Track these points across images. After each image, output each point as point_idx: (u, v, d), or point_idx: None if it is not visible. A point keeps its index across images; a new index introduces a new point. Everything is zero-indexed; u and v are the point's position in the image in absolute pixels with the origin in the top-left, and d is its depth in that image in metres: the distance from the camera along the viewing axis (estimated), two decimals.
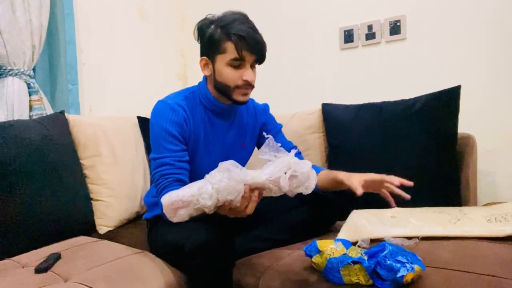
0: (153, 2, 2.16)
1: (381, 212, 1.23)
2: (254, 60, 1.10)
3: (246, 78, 1.09)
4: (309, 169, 0.89)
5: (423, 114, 1.37)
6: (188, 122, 1.12)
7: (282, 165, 0.87)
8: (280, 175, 0.86)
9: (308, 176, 0.88)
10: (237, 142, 1.24)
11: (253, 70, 1.12)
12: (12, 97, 1.45)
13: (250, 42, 1.05)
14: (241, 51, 1.06)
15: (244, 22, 1.08)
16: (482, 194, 1.52)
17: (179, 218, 0.91)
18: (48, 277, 0.97)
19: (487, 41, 1.53)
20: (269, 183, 0.88)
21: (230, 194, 0.84)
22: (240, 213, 0.92)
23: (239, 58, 1.07)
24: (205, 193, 0.85)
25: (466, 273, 0.86)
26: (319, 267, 0.94)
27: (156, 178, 1.08)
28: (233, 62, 1.08)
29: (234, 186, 0.84)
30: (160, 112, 1.11)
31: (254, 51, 1.08)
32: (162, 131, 1.09)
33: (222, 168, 0.86)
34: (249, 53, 1.07)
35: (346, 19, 1.82)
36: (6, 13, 1.42)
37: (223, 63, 1.09)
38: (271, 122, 1.34)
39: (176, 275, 1.04)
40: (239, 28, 1.06)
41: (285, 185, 0.86)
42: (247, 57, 1.08)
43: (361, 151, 1.46)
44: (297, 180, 0.87)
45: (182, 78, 2.36)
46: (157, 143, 1.10)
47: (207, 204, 0.85)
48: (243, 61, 1.08)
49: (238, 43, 1.05)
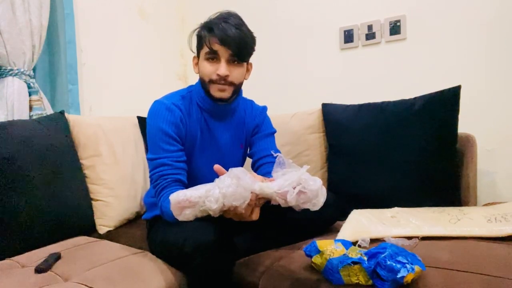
0: (153, 3, 2.16)
1: (381, 212, 1.23)
2: (230, 55, 1.09)
3: (218, 72, 1.09)
4: (319, 186, 0.89)
5: (423, 114, 1.37)
6: (184, 122, 1.12)
7: (292, 179, 0.88)
8: (289, 189, 0.87)
9: (317, 194, 0.89)
10: (234, 143, 1.24)
11: (233, 66, 1.11)
12: (12, 97, 1.45)
13: (222, 36, 1.06)
14: (210, 44, 1.07)
15: (226, 18, 1.08)
16: (482, 194, 1.52)
17: (184, 218, 0.92)
18: (48, 277, 0.97)
19: (487, 41, 1.53)
20: (276, 196, 0.88)
21: (236, 200, 0.85)
22: (245, 219, 0.93)
23: (209, 51, 1.08)
24: (211, 196, 0.86)
25: (466, 273, 0.86)
26: (319, 267, 0.94)
27: (154, 179, 1.08)
28: (208, 56, 1.10)
29: (241, 193, 0.85)
30: (157, 113, 1.11)
31: (226, 45, 1.07)
32: (159, 131, 1.09)
33: (232, 174, 0.87)
34: (221, 47, 1.07)
35: (346, 19, 1.82)
36: (6, 13, 1.41)
37: (202, 58, 1.12)
38: (264, 124, 1.31)
39: (176, 275, 1.04)
40: (215, 22, 1.08)
41: (292, 200, 0.87)
42: (221, 51, 1.08)
43: (361, 151, 1.46)
44: (305, 196, 0.88)
45: (182, 78, 2.36)
46: (154, 144, 1.10)
47: (212, 208, 0.86)
48: (216, 55, 1.09)
49: (209, 36, 1.07)
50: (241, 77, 1.15)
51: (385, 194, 1.38)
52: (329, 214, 1.24)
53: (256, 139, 1.28)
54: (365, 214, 1.22)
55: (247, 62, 1.17)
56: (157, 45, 2.19)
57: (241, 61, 1.12)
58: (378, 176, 1.41)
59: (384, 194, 1.38)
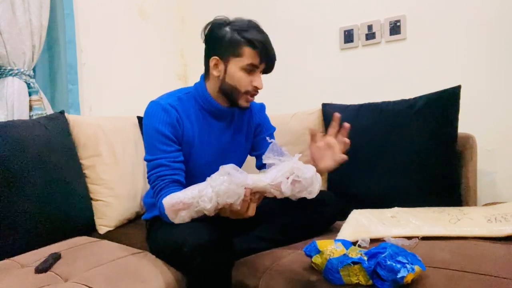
0: (153, 3, 2.16)
1: (381, 212, 1.23)
2: (264, 69, 1.13)
3: (256, 84, 1.11)
4: (313, 174, 0.89)
5: (423, 114, 1.37)
6: (181, 123, 1.12)
7: (284, 170, 0.87)
8: (282, 180, 0.86)
9: (311, 182, 0.88)
10: (233, 142, 1.24)
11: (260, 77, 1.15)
12: (12, 97, 1.45)
13: (269, 52, 1.10)
14: (261, 58, 1.09)
15: (261, 32, 1.10)
16: (482, 194, 1.52)
17: (180, 220, 0.92)
18: (48, 277, 0.97)
19: (487, 41, 1.53)
20: (270, 188, 0.88)
21: (230, 198, 0.84)
22: (241, 215, 0.93)
23: (257, 65, 1.10)
24: (205, 196, 0.86)
25: (466, 273, 0.86)
26: (319, 267, 0.94)
27: (152, 179, 1.08)
28: (248, 67, 1.10)
29: (234, 189, 0.84)
30: (153, 113, 1.11)
31: (268, 60, 1.11)
32: (155, 132, 1.09)
33: (222, 171, 0.86)
34: (264, 62, 1.10)
35: (346, 19, 1.82)
36: (6, 13, 1.41)
37: (238, 66, 1.10)
38: (265, 123, 1.34)
39: (175, 275, 1.03)
40: (259, 36, 1.08)
41: (286, 190, 0.86)
42: (261, 65, 1.11)
43: (361, 151, 1.46)
44: (300, 185, 0.87)
45: (182, 78, 2.36)
46: (151, 145, 1.10)
47: (207, 207, 0.85)
48: (257, 68, 1.11)
49: (259, 51, 1.08)
50: None
51: (385, 194, 1.38)
52: (329, 214, 1.25)
53: (261, 140, 1.30)
54: (365, 214, 1.22)
55: None
56: (157, 45, 2.19)
57: (265, 73, 1.16)
58: (378, 176, 1.41)
59: (384, 194, 1.38)
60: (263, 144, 1.29)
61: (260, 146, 1.31)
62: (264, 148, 1.29)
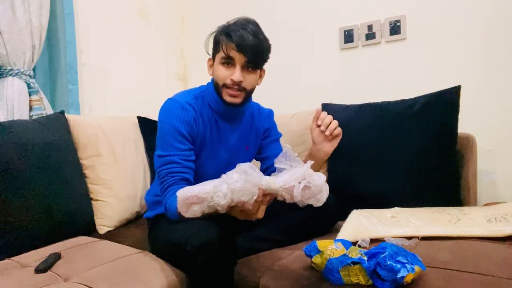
0: (153, 3, 2.16)
1: (381, 212, 1.23)
2: (245, 62, 1.09)
3: (232, 77, 1.10)
4: (323, 182, 0.91)
5: (423, 114, 1.37)
6: (197, 122, 1.14)
7: (297, 175, 0.89)
8: (294, 184, 0.88)
9: (321, 189, 0.90)
10: (241, 144, 1.25)
11: (247, 72, 1.11)
12: (12, 97, 1.45)
13: (239, 43, 1.07)
14: (227, 49, 1.08)
15: (244, 25, 1.09)
16: (482, 194, 1.52)
17: (192, 214, 0.92)
18: (48, 277, 0.97)
19: (487, 41, 1.53)
20: (282, 191, 0.89)
21: (244, 196, 0.85)
22: (250, 216, 0.93)
23: (225, 56, 1.09)
24: (220, 192, 0.86)
25: (466, 273, 0.86)
26: (319, 267, 0.94)
27: (162, 175, 1.09)
28: (223, 60, 1.10)
29: (249, 188, 0.85)
30: (170, 110, 1.12)
31: (242, 52, 1.07)
32: (172, 129, 1.10)
33: (239, 169, 0.87)
34: (238, 53, 1.08)
35: (346, 19, 1.82)
36: (6, 13, 1.41)
37: (217, 61, 1.13)
38: (273, 129, 1.36)
39: (176, 274, 1.03)
40: (233, 28, 1.08)
41: (298, 195, 0.88)
42: (236, 57, 1.09)
43: (361, 151, 1.46)
44: (310, 191, 0.89)
45: (182, 79, 2.36)
46: (165, 141, 1.10)
47: (221, 203, 0.86)
48: (232, 60, 1.10)
49: (226, 42, 1.08)
50: (254, 83, 1.16)
51: (385, 194, 1.38)
52: (329, 214, 1.24)
53: (268, 143, 1.33)
54: (365, 214, 1.22)
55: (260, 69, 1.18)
56: (157, 45, 2.19)
57: (255, 68, 1.13)
58: (378, 176, 1.41)
59: (384, 194, 1.38)
60: (269, 147, 1.32)
61: (266, 149, 1.33)
62: (269, 151, 1.32)
